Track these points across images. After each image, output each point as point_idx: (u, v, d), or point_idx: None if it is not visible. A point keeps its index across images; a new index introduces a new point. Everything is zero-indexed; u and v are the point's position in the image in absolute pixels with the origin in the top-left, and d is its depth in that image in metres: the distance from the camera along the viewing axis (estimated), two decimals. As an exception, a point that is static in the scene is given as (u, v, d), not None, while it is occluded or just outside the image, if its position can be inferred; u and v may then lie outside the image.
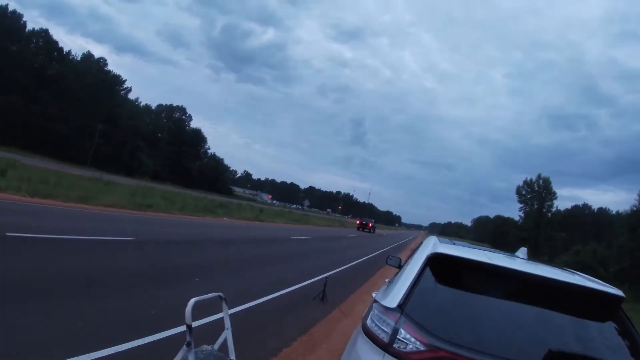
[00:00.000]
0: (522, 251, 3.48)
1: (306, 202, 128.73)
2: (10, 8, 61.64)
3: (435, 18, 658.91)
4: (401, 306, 2.70)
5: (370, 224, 71.98)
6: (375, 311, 2.90)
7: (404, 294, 2.78)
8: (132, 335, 4.79)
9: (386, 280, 5.82)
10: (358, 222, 76.40)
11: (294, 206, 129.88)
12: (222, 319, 3.30)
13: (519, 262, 3.07)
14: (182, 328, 5.24)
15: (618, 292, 2.71)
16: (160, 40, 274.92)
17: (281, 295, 8.77)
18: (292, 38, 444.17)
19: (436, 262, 2.92)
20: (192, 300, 2.57)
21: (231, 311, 6.68)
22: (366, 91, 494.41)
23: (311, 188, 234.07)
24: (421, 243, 4.83)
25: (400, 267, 5.97)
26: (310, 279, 11.25)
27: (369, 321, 2.88)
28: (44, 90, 58.55)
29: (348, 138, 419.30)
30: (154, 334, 5.00)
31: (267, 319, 6.93)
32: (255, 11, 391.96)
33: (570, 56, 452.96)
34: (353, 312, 8.94)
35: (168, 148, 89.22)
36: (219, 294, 2.93)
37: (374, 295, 4.87)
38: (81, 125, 62.48)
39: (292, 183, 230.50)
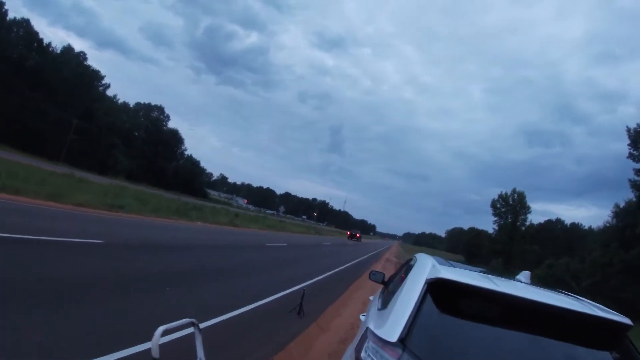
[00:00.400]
0: (525, 275, 3.27)
1: (282, 208, 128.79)
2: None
3: (418, 31, 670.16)
4: (403, 340, 2.38)
5: (358, 235, 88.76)
6: (370, 343, 2.58)
7: (404, 326, 2.46)
8: (93, 353, 4.38)
9: (370, 297, 5.51)
10: (349, 233, 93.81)
11: (269, 212, 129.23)
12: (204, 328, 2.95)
13: (523, 287, 2.89)
14: (150, 345, 4.88)
15: (625, 320, 2.56)
16: (143, 38, 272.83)
17: (255, 308, 8.37)
18: (275, 43, 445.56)
19: (438, 288, 2.64)
20: (160, 330, 2.20)
21: (206, 324, 6.34)
22: (346, 100, 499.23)
23: (287, 194, 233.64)
24: (410, 260, 4.57)
25: (383, 282, 5.69)
26: (285, 289, 10.89)
27: (363, 354, 2.56)
28: (21, 82, 56.92)
29: (326, 146, 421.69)
30: (117, 351, 4.59)
31: (240, 335, 6.57)
32: (240, 14, 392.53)
33: (548, 74, 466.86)
34: (331, 326, 8.62)
35: (144, 147, 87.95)
36: (192, 320, 2.56)
37: (362, 318, 4.53)
38: (57, 120, 61.02)
39: (268, 188, 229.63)
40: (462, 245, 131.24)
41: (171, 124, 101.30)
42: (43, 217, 12.61)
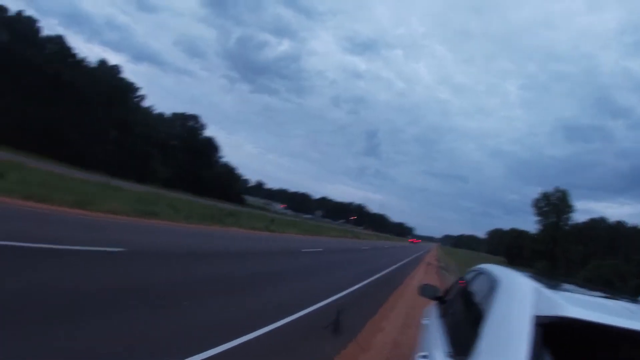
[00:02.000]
0: None
1: (319, 213, 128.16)
2: (27, 14, 61.88)
3: (449, 30, 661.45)
4: None
5: (419, 240, 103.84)
6: None
7: None
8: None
9: (424, 321, 4.34)
10: (410, 239, 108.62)
11: (306, 216, 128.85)
12: None
13: None
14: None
15: None
16: (177, 50, 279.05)
17: (284, 324, 7.29)
18: (306, 50, 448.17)
19: (563, 334, 1.54)
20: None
21: (223, 347, 5.35)
22: (380, 103, 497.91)
23: (324, 198, 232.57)
24: (475, 274, 3.47)
25: (437, 298, 4.55)
26: (320, 301, 9.81)
27: None
28: (58, 96, 58.09)
29: (361, 149, 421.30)
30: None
31: (264, 358, 5.56)
32: (271, 23, 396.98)
33: (584, 68, 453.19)
34: (372, 344, 7.47)
35: (181, 156, 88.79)
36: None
37: None
38: (94, 131, 62.06)
39: (304, 193, 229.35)
40: (503, 246, 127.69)
41: (208, 133, 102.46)
42: (64, 224, 11.97)
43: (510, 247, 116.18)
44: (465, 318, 2.67)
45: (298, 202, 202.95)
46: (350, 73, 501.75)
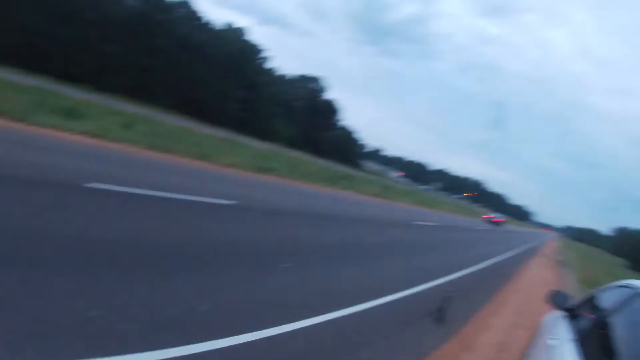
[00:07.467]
0: None
1: (435, 185, 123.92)
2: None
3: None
4: None
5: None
6: None
7: None
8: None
9: (550, 341, 3.48)
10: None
11: (422, 187, 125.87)
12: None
13: None
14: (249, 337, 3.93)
15: None
16: (302, 13, 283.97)
17: (381, 304, 6.45)
18: (433, 11, 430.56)
19: None
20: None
21: (312, 321, 4.88)
22: (510, 72, 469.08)
23: (441, 171, 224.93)
24: (627, 295, 2.64)
25: (567, 310, 3.67)
26: (425, 282, 8.84)
27: None
28: (187, 56, 61.77)
29: (485, 121, 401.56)
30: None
31: (354, 343, 4.96)
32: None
33: None
34: (477, 344, 6.45)
35: (302, 117, 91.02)
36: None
37: None
38: (221, 90, 65.66)
39: (421, 163, 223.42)
40: (629, 247, 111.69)
41: (329, 95, 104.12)
42: (181, 175, 12.30)
43: (637, 250, 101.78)
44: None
45: (414, 171, 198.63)
46: (479, 38, 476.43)
